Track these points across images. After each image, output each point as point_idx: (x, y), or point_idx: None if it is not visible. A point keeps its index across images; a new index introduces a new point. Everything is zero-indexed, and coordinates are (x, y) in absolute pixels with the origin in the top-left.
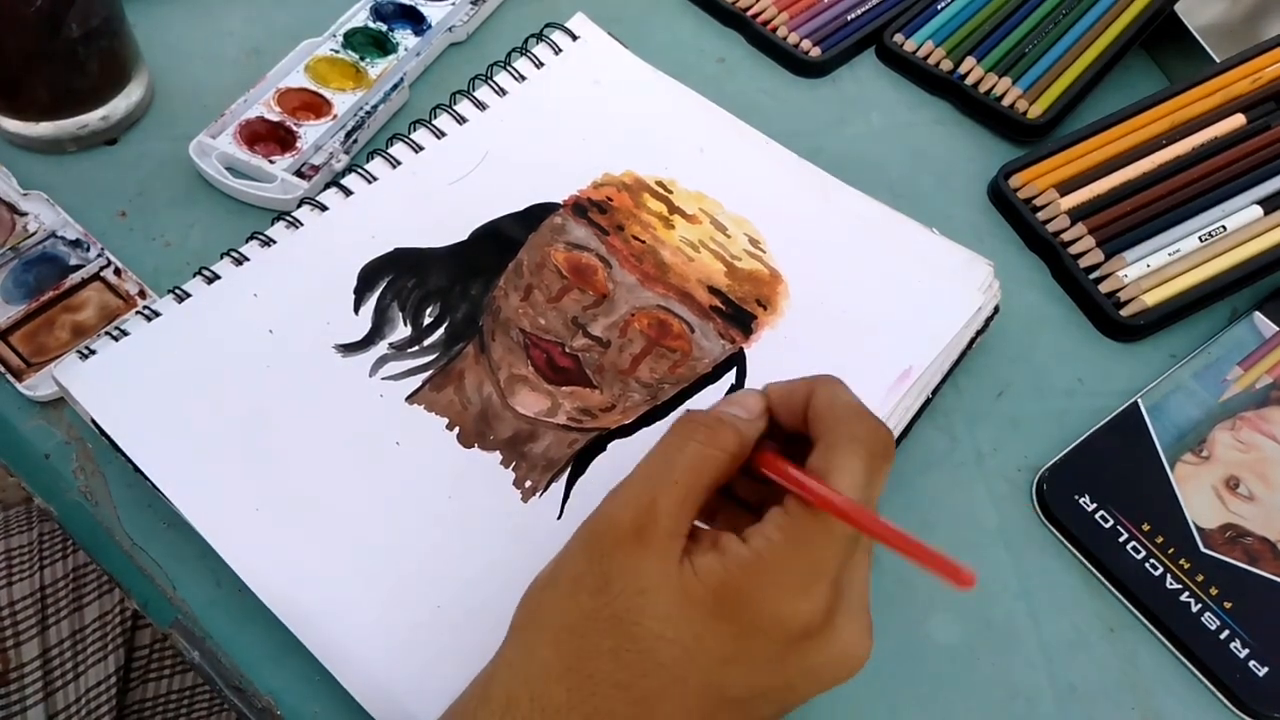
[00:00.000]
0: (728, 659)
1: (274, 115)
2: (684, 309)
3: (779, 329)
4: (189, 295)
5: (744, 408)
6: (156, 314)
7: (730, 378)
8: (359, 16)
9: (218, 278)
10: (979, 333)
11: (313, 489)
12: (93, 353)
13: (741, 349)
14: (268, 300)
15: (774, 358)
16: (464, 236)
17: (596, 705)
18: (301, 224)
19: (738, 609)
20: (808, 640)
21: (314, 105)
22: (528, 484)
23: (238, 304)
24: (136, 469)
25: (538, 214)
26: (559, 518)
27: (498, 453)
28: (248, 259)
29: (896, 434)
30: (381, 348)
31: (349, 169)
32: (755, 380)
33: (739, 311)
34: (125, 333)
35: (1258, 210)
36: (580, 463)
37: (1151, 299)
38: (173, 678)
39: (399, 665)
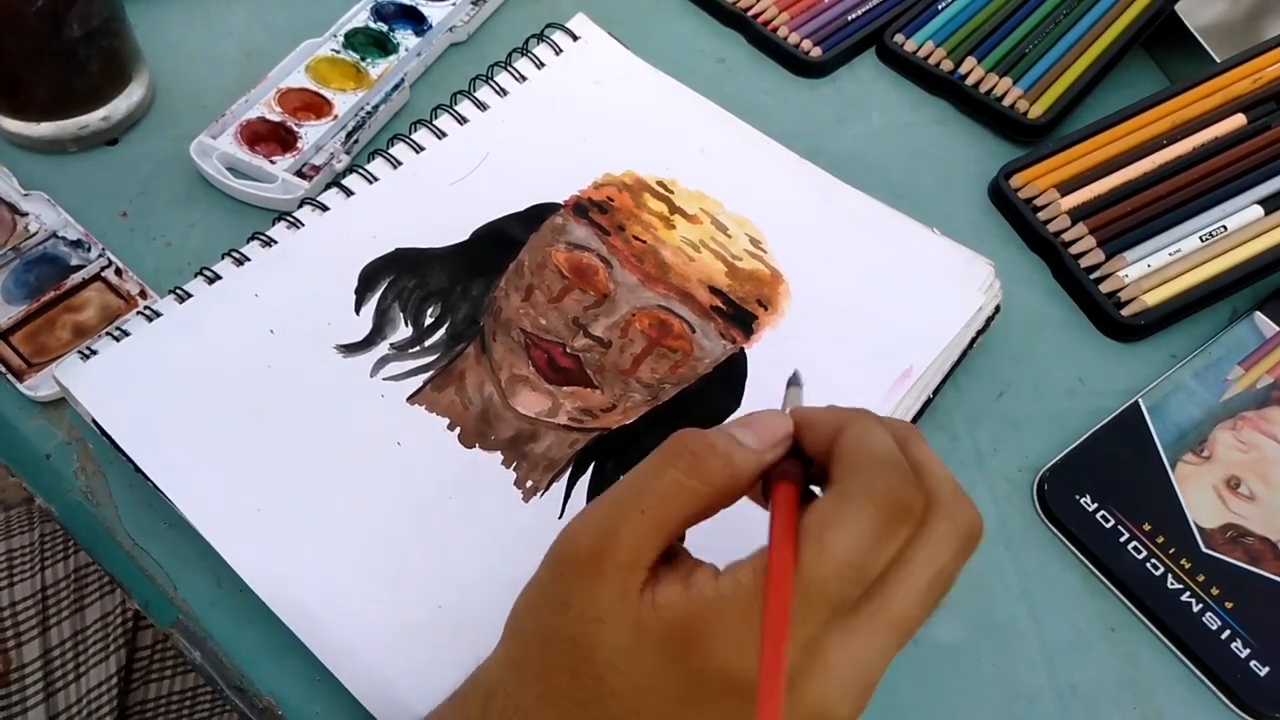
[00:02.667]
0: (681, 701)
1: (275, 115)
2: (685, 309)
3: (780, 329)
4: (190, 295)
5: (757, 434)
6: (157, 314)
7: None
8: (360, 17)
9: (219, 278)
10: (979, 333)
11: (314, 489)
12: (94, 353)
13: (742, 349)
14: (269, 301)
15: (775, 358)
16: (465, 237)
17: (560, 714)
18: (302, 224)
19: (687, 652)
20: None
21: (315, 105)
22: (529, 484)
23: (239, 304)
24: (137, 469)
25: (539, 214)
26: (560, 518)
27: (499, 453)
28: (249, 259)
29: None
30: (382, 348)
31: (350, 169)
32: (755, 381)
33: (740, 311)
34: (126, 333)
35: (1258, 210)
36: (581, 463)
37: (1152, 299)
38: (174, 679)
39: (400, 665)
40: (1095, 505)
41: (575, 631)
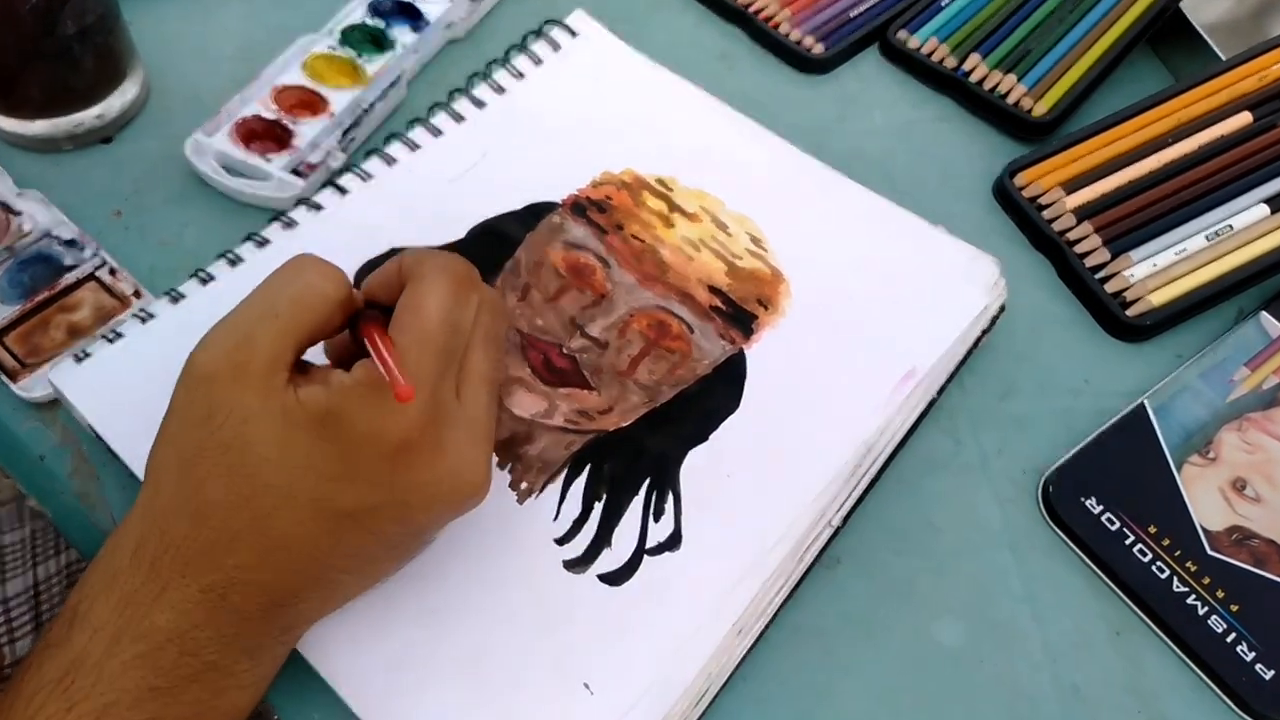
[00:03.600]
0: (335, 476)
1: (270, 113)
2: (684, 309)
3: (780, 329)
4: (184, 297)
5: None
6: (151, 316)
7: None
8: (356, 13)
9: (213, 279)
10: (984, 332)
11: None
12: (88, 355)
13: (742, 350)
14: None
15: (775, 358)
16: (461, 235)
17: (216, 527)
18: (298, 224)
19: (338, 428)
20: (408, 454)
21: (311, 103)
22: (523, 486)
23: (232, 305)
24: (131, 473)
25: (536, 213)
26: (555, 520)
27: (494, 454)
28: (243, 260)
29: (901, 435)
30: None
31: (346, 167)
32: (754, 383)
33: (740, 311)
34: (120, 335)
35: (1265, 209)
36: (577, 465)
37: (1158, 299)
38: None
39: (393, 669)
40: (1100, 507)
41: (224, 437)
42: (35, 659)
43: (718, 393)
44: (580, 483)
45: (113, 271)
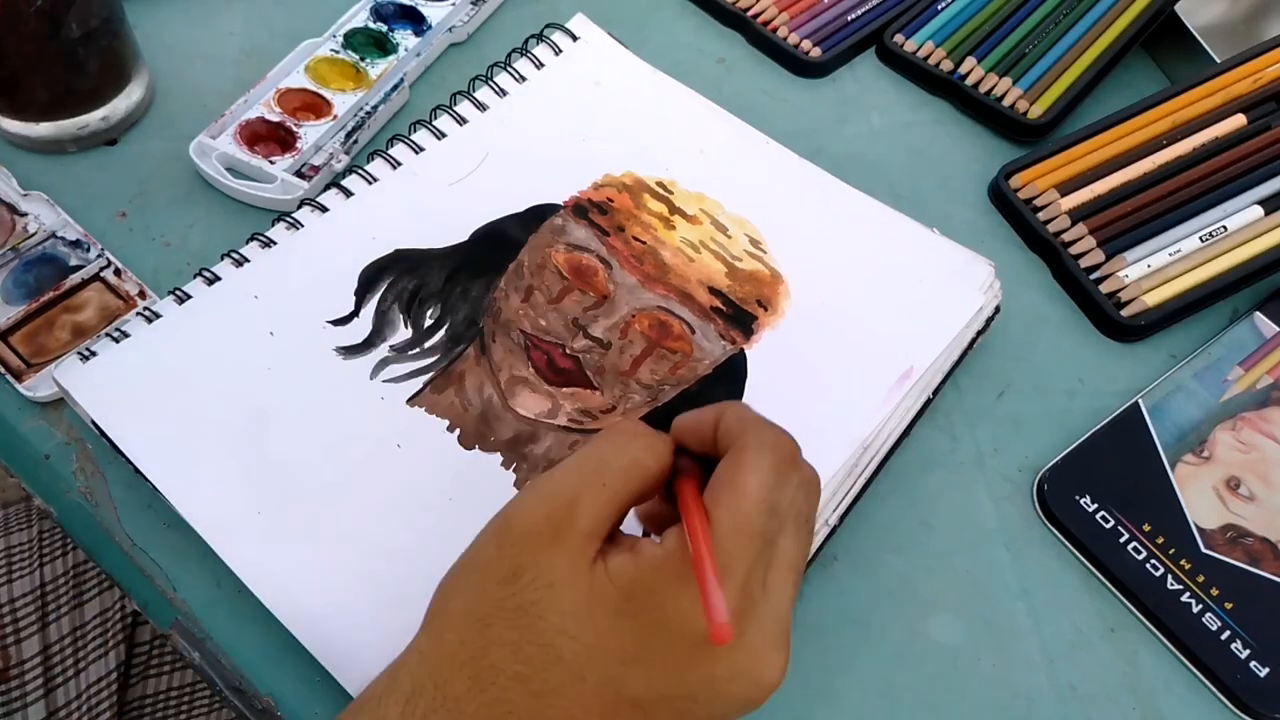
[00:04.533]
0: (628, 658)
1: (274, 116)
2: (685, 310)
3: (780, 330)
4: (190, 297)
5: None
6: (157, 315)
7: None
8: (359, 17)
9: (218, 279)
10: (980, 333)
11: (314, 491)
12: (93, 354)
13: (742, 350)
14: (268, 302)
15: (775, 358)
16: (464, 237)
17: (495, 695)
18: (302, 225)
19: (643, 606)
20: (710, 646)
21: (314, 106)
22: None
23: (238, 306)
24: (137, 471)
25: (538, 215)
26: None
27: (499, 454)
28: (248, 260)
29: (897, 434)
30: (382, 350)
31: (349, 170)
32: (755, 382)
33: (740, 312)
34: (126, 334)
35: (1258, 210)
36: None
37: (1152, 299)
38: (173, 674)
39: None
40: (1095, 506)
41: (524, 600)
42: None
43: (719, 392)
44: None
45: (117, 272)
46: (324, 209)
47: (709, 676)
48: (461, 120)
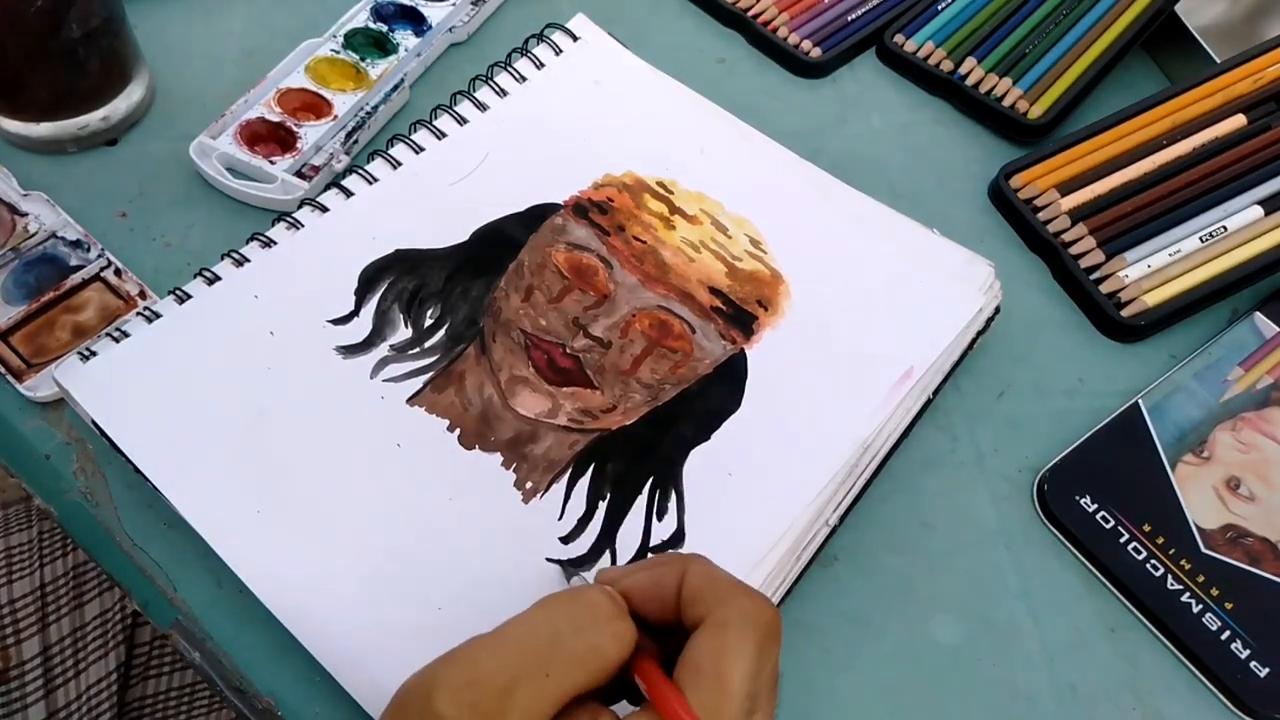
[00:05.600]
0: None
1: (274, 116)
2: (685, 309)
3: (780, 330)
4: (190, 297)
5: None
6: (157, 315)
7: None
8: (359, 17)
9: (219, 279)
10: (980, 333)
11: (314, 491)
12: (93, 354)
13: (743, 349)
14: (269, 302)
15: (775, 358)
16: (465, 237)
17: None
18: (302, 225)
19: None
20: None
21: (314, 106)
22: (529, 485)
23: (239, 306)
24: (137, 471)
25: (538, 215)
26: (559, 519)
27: (499, 454)
28: (249, 260)
29: (897, 435)
30: (382, 349)
31: (349, 170)
32: (758, 380)
33: (740, 312)
34: (126, 334)
35: (1258, 210)
36: (581, 464)
37: (1152, 299)
38: (173, 674)
39: (400, 667)
40: (1095, 506)
41: None
42: None
43: (719, 392)
44: (584, 482)
45: (118, 272)
46: (324, 209)
47: None
48: (462, 120)
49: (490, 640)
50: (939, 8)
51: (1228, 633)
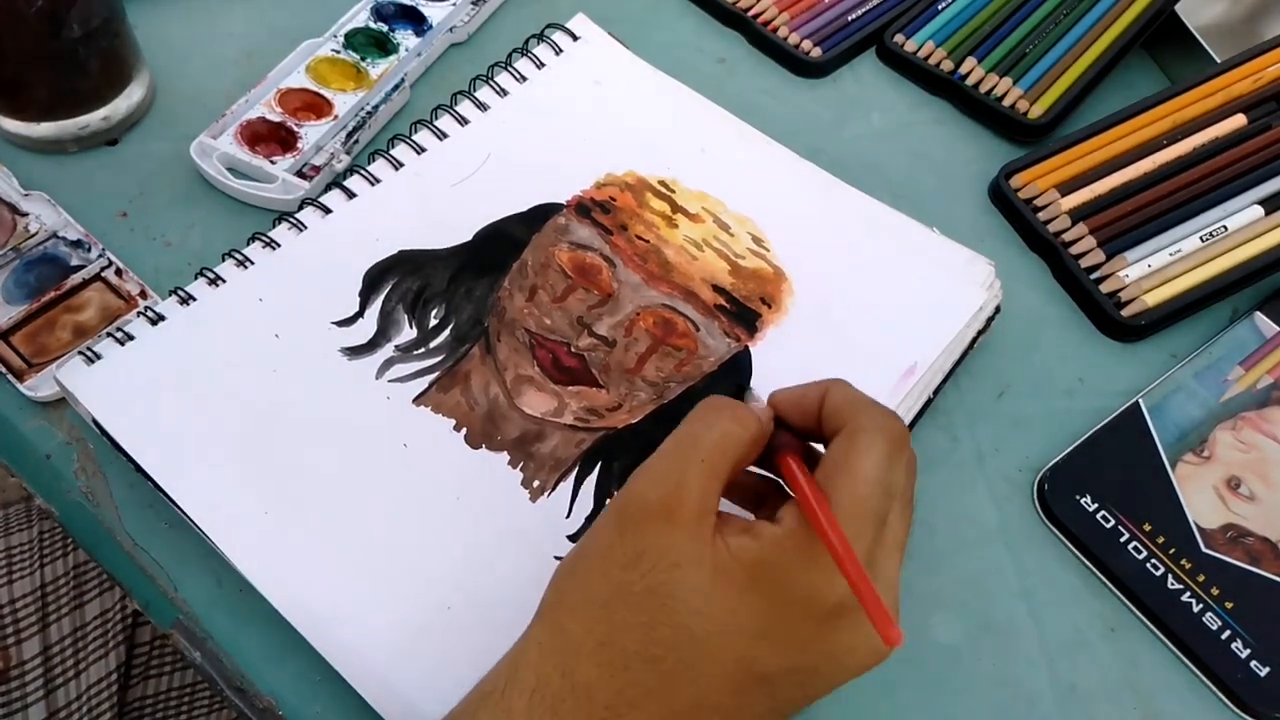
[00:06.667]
0: (760, 634)
1: (275, 116)
2: (689, 307)
3: (784, 327)
4: (194, 299)
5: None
6: (161, 317)
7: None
8: (360, 17)
9: (222, 281)
10: (980, 333)
11: (321, 491)
12: (98, 357)
13: (747, 347)
14: (273, 304)
15: (779, 356)
16: (468, 238)
17: (629, 679)
18: (305, 226)
19: (772, 583)
20: (839, 619)
21: (315, 106)
22: (535, 484)
23: (243, 308)
24: (145, 475)
25: (541, 214)
26: (567, 517)
27: (505, 453)
28: (252, 262)
29: None
30: (387, 350)
31: (350, 170)
32: (761, 379)
33: (744, 310)
34: (130, 336)
35: (1259, 210)
36: (588, 462)
37: (1152, 299)
38: (174, 674)
39: (409, 665)
40: (1095, 505)
41: (652, 582)
42: None
43: (724, 389)
44: (592, 480)
45: (119, 272)
46: (327, 210)
47: (832, 649)
48: (463, 120)
49: (651, 458)
50: (939, 7)
51: (1228, 632)
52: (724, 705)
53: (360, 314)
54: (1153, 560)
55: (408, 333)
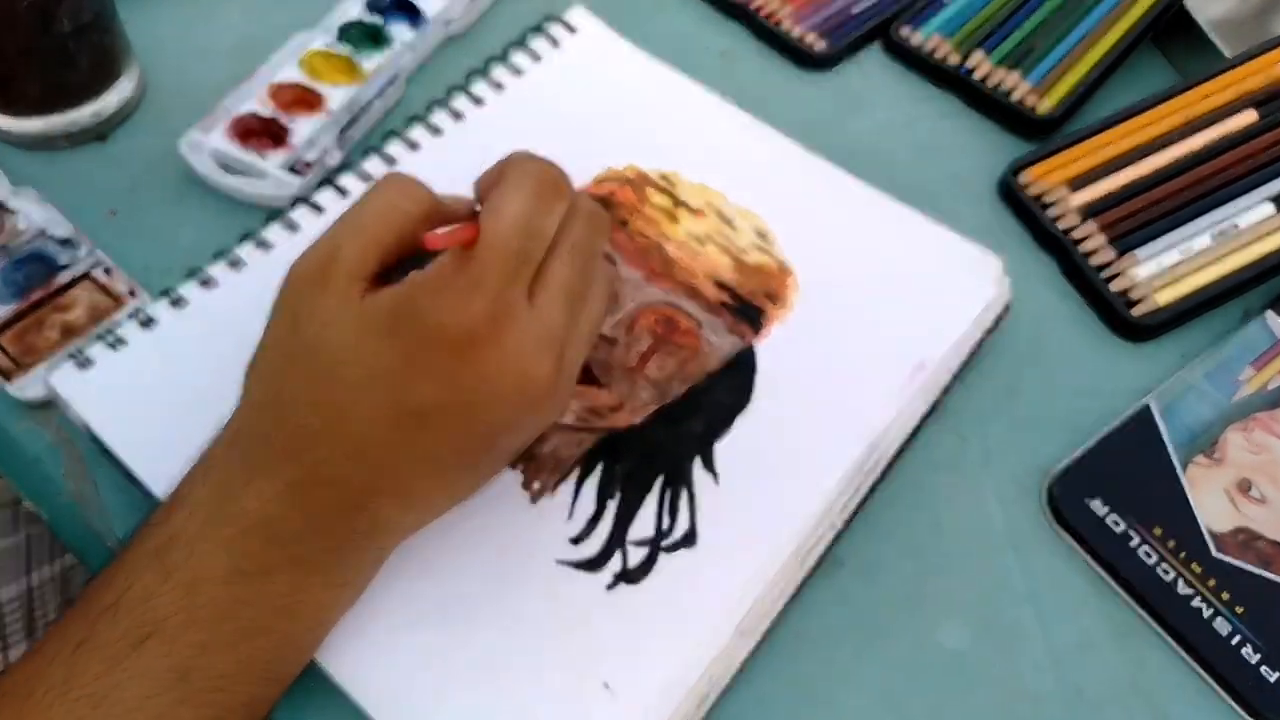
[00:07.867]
0: (403, 372)
1: (267, 111)
2: (691, 305)
3: (789, 323)
4: (185, 302)
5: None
6: (152, 319)
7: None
8: (354, 10)
9: (215, 284)
10: (989, 332)
11: None
12: (90, 362)
13: (751, 345)
14: (266, 307)
15: (785, 353)
16: None
17: (298, 424)
18: (299, 227)
19: (408, 323)
20: (473, 349)
21: (307, 100)
22: (536, 485)
23: (236, 312)
24: (132, 479)
25: None
26: (568, 519)
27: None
28: (245, 263)
29: (906, 433)
30: None
31: (343, 166)
32: (765, 377)
33: (747, 306)
34: (122, 340)
35: (1270, 208)
36: (589, 463)
37: (1163, 298)
38: None
39: (407, 669)
40: (1105, 509)
41: (306, 339)
42: (137, 535)
43: (728, 388)
44: (593, 481)
45: (107, 270)
46: (320, 209)
47: (479, 379)
48: (458, 115)
49: (330, 226)
50: (946, 0)
51: (1238, 637)
52: (389, 439)
53: None
54: (1163, 565)
55: None
